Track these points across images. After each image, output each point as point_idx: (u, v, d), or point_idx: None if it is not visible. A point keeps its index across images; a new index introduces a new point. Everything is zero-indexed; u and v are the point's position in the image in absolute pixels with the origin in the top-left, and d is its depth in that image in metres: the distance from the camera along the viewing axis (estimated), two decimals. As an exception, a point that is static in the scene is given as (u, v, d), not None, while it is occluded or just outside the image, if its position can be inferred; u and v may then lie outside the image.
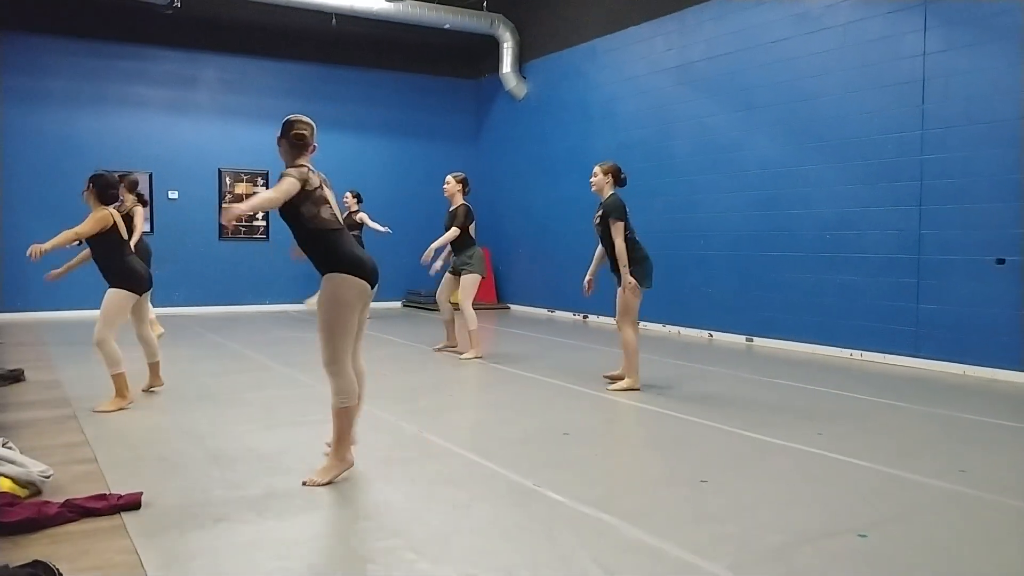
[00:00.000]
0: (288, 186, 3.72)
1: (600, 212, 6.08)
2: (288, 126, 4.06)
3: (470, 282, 7.85)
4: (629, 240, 6.00)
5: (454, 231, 7.92)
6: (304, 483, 3.68)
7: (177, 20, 11.42)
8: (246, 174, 12.32)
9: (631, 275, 5.94)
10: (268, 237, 12.47)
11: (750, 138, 8.95)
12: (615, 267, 6.05)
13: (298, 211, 3.78)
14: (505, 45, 12.78)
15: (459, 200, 8.09)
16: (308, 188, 3.79)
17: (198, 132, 11.97)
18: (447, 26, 12.36)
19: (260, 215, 12.42)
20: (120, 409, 5.23)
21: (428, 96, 13.69)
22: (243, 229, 12.36)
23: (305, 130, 4.03)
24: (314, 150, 4.05)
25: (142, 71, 11.63)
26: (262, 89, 12.41)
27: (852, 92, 7.84)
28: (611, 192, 6.09)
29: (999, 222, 6.73)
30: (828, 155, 8.09)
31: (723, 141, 9.29)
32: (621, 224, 5.94)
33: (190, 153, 11.89)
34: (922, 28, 7.25)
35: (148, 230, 9.64)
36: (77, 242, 5.45)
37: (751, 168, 8.94)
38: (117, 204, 5.71)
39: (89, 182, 5.46)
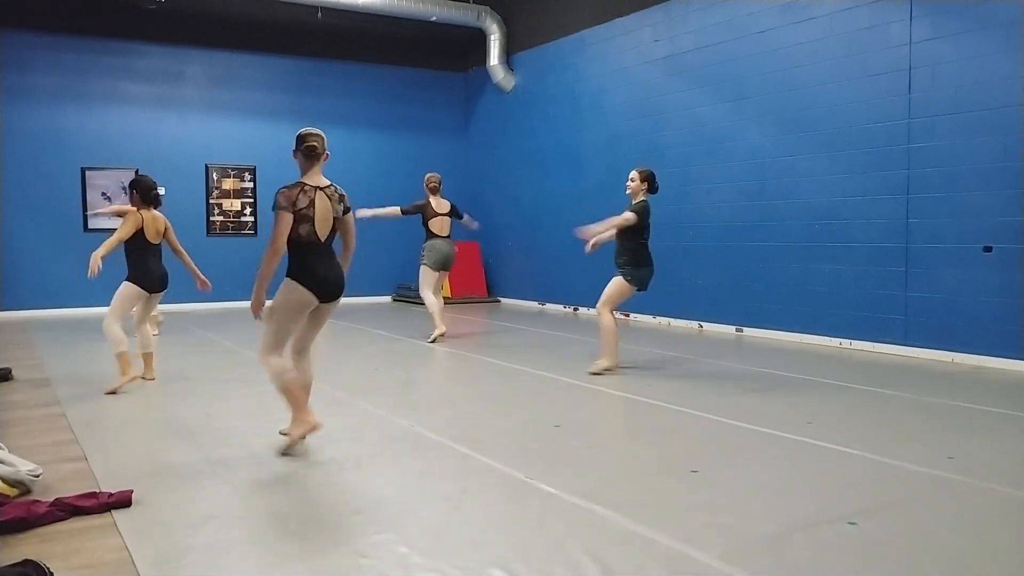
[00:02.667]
0: (283, 225, 4.06)
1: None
2: (299, 139, 4.23)
3: (421, 273, 8.57)
4: (641, 245, 6.46)
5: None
6: (280, 431, 4.31)
7: (162, 15, 11.34)
8: (233, 169, 12.27)
9: (632, 277, 6.41)
10: (256, 232, 12.42)
11: (739, 129, 8.96)
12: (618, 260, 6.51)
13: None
14: (492, 37, 12.74)
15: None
16: (294, 210, 4.07)
17: (185, 128, 11.89)
18: (434, 19, 12.31)
19: (248, 210, 12.37)
20: (130, 380, 5.72)
21: (416, 89, 13.64)
22: (231, 225, 12.32)
23: (315, 142, 4.22)
24: (327, 158, 4.26)
25: (128, 67, 11.55)
26: (248, 84, 12.34)
27: (840, 82, 7.85)
28: (643, 199, 6.53)
29: (986, 210, 6.76)
30: (817, 145, 8.11)
31: (712, 132, 9.30)
32: (635, 217, 6.35)
33: (177, 149, 11.81)
34: (908, 17, 7.26)
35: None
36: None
37: (740, 158, 8.96)
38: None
39: (131, 188, 5.97)
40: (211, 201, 12.10)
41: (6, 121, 10.86)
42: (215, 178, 12.17)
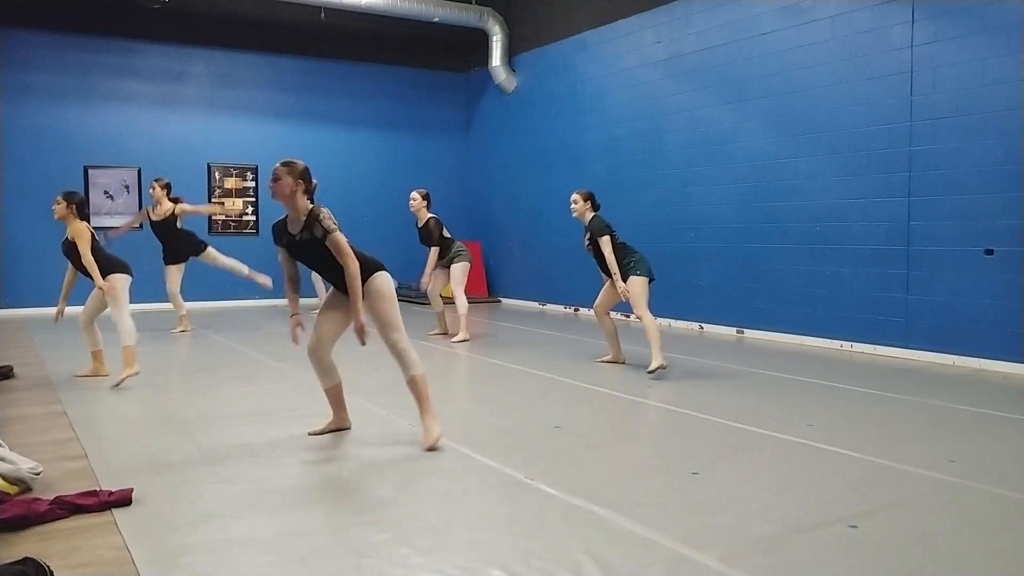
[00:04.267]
0: (346, 242, 4.17)
1: (588, 235, 6.64)
2: (307, 171, 4.25)
3: (460, 270, 8.45)
4: (621, 246, 6.57)
5: (435, 250, 8.44)
6: (430, 448, 4.16)
7: (165, 14, 11.35)
8: (235, 168, 12.28)
9: (633, 275, 6.46)
10: (258, 232, 12.42)
11: (741, 130, 8.96)
12: (608, 273, 6.61)
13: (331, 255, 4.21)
14: (494, 38, 12.75)
15: (426, 215, 8.56)
16: None
17: (187, 127, 11.90)
18: (436, 19, 12.31)
19: (250, 210, 12.38)
20: (131, 375, 5.84)
21: (417, 90, 13.65)
22: (233, 224, 12.32)
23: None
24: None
25: (130, 66, 11.55)
26: (250, 83, 12.35)
27: (842, 84, 7.85)
28: (592, 215, 6.69)
29: (988, 213, 6.76)
30: (818, 147, 8.11)
31: (714, 133, 9.30)
32: (607, 238, 6.51)
33: (179, 148, 11.82)
34: (910, 20, 7.26)
35: (138, 226, 9.63)
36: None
37: (741, 160, 8.96)
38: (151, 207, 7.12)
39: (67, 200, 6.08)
40: (213, 200, 12.10)
41: (8, 120, 10.86)
42: (217, 177, 12.18)
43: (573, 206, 6.74)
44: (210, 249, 9.15)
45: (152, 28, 11.52)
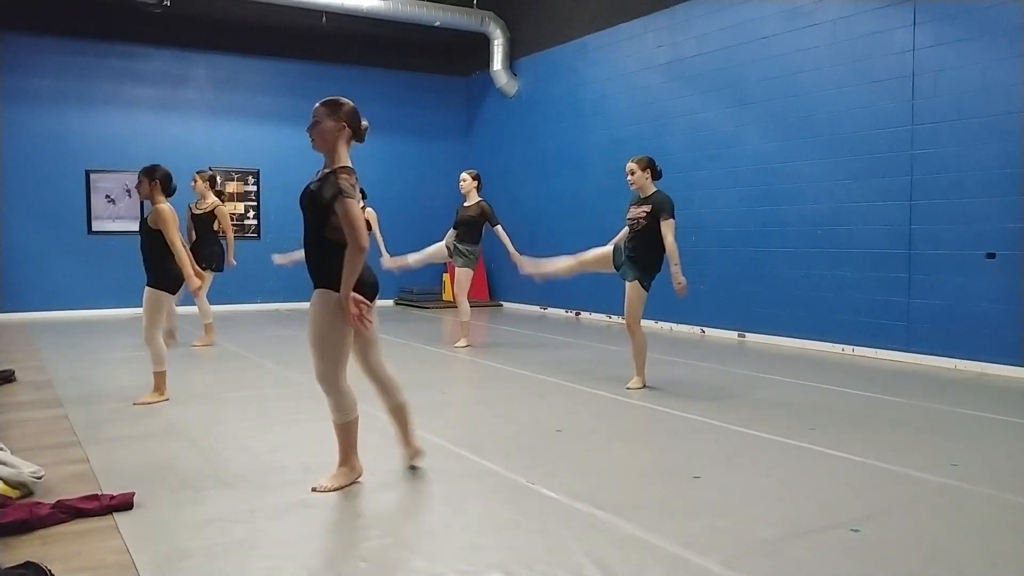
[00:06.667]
0: (359, 213, 3.39)
1: (648, 208, 5.84)
2: (355, 112, 3.74)
3: (466, 276, 8.34)
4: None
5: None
6: (313, 489, 3.57)
7: (166, 19, 11.37)
8: (236, 173, 12.29)
9: (649, 282, 5.95)
10: (259, 236, 12.43)
11: (742, 134, 8.96)
12: (646, 263, 5.86)
13: (330, 220, 3.45)
14: (496, 42, 12.76)
15: (476, 196, 8.42)
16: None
17: (188, 131, 11.92)
18: (437, 23, 12.34)
19: (251, 214, 12.39)
20: (159, 402, 5.44)
21: (419, 93, 13.66)
22: (234, 228, 12.31)
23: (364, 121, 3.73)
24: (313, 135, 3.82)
25: (132, 70, 11.58)
26: (252, 87, 12.37)
27: (843, 88, 7.85)
28: (655, 188, 5.98)
29: (989, 216, 6.76)
30: (819, 150, 8.11)
31: (715, 137, 9.30)
32: (672, 222, 5.76)
33: (180, 152, 11.80)
34: (911, 23, 7.27)
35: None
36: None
37: (743, 164, 8.96)
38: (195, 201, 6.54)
39: (148, 175, 5.49)
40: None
41: (10, 124, 10.88)
42: (218, 181, 12.16)
43: (630, 176, 5.94)
44: (209, 279, 8.32)
45: (153, 32, 11.54)
